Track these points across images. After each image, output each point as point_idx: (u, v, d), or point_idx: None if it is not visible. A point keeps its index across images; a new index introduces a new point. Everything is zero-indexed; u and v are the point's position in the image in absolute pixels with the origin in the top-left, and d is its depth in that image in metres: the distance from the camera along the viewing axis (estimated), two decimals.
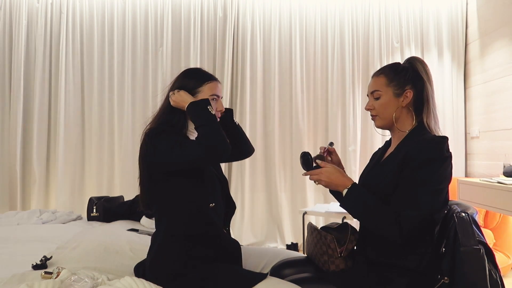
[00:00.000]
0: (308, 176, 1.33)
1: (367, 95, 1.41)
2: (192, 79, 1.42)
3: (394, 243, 1.22)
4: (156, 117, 1.44)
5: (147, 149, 1.34)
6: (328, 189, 1.40)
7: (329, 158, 1.47)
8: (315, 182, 1.32)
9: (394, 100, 1.32)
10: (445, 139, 1.23)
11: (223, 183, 1.50)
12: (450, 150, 1.24)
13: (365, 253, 1.33)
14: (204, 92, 1.41)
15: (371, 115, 1.39)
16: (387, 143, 1.47)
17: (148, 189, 1.41)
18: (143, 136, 1.37)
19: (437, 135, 1.28)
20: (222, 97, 1.49)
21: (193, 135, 1.43)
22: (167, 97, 1.44)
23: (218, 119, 1.42)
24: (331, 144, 1.47)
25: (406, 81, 1.31)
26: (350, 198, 1.26)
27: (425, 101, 1.31)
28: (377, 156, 1.46)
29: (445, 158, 1.20)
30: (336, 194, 1.42)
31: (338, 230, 1.38)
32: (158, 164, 1.34)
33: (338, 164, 1.48)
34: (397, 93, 1.32)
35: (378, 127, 1.39)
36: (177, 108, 1.40)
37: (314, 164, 1.34)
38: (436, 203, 1.19)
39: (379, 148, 1.52)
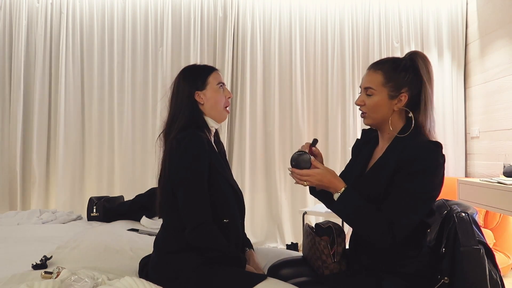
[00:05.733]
0: (293, 173, 1.21)
1: (360, 87, 1.30)
2: (197, 77, 1.43)
3: (390, 250, 1.21)
4: (180, 120, 1.38)
5: (174, 153, 1.32)
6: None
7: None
8: (299, 182, 1.21)
9: (388, 102, 1.23)
10: (439, 146, 1.18)
11: (239, 197, 1.47)
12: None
13: (360, 260, 1.30)
14: (212, 83, 1.43)
15: (361, 111, 1.29)
16: (370, 139, 1.39)
17: (168, 196, 1.36)
18: (175, 140, 1.32)
19: (431, 139, 1.21)
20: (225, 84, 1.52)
21: (213, 130, 1.46)
22: (182, 99, 1.41)
23: (228, 108, 1.49)
24: (315, 141, 1.34)
25: (403, 83, 1.22)
26: (341, 203, 1.20)
27: (422, 103, 1.22)
28: (362, 155, 1.38)
29: (439, 165, 1.17)
30: (322, 195, 1.39)
31: (329, 230, 1.35)
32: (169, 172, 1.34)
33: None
34: (392, 95, 1.23)
35: (367, 125, 1.31)
36: (197, 107, 1.41)
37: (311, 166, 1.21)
38: (428, 210, 1.19)
39: (359, 142, 1.45)
